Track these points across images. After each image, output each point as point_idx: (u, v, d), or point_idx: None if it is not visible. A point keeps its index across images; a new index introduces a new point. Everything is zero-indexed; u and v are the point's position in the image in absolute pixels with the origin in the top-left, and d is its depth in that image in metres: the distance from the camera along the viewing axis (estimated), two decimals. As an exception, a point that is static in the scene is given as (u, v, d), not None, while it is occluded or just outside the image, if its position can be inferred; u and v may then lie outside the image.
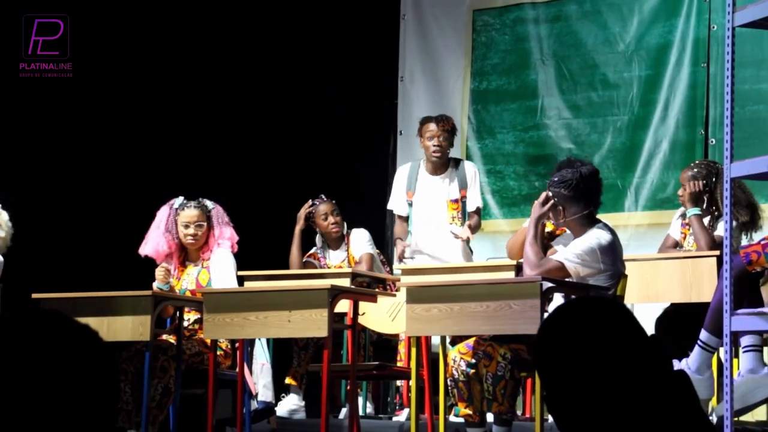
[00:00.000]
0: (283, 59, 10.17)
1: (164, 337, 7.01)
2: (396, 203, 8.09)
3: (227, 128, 10.22)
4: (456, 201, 7.88)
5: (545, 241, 6.18)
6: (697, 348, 5.42)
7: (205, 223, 7.20)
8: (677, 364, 5.99)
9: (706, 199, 7.07)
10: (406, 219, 8.03)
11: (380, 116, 10.13)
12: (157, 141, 9.88)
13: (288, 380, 7.76)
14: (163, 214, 7.23)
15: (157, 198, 7.71)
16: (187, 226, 7.19)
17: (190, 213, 7.19)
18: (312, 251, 8.30)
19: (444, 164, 7.97)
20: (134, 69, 9.89)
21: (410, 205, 7.99)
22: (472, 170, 8.02)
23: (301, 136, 10.12)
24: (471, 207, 7.90)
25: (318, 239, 8.31)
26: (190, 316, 7.10)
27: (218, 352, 6.93)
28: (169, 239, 7.17)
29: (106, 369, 1.58)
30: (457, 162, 8.07)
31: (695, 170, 7.17)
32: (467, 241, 7.79)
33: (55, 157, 9.58)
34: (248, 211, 9.34)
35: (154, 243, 7.17)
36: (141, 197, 9.37)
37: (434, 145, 7.87)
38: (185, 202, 7.25)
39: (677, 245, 7.24)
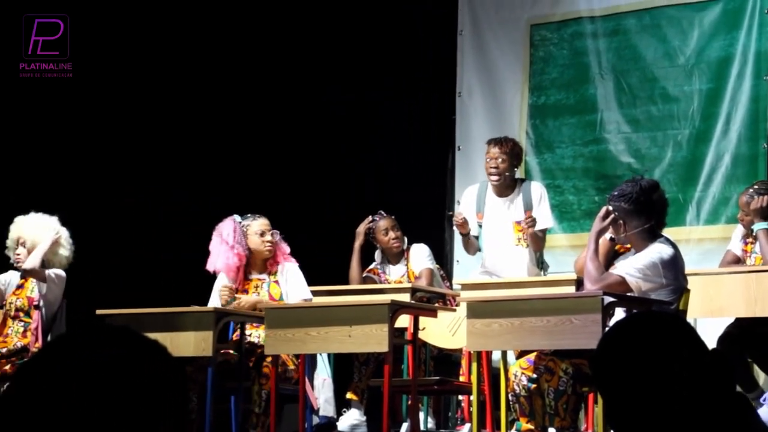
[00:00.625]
0: (337, 73, 10.11)
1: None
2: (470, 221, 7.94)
3: (244, 133, 10.07)
4: (521, 222, 7.75)
5: (609, 260, 6.17)
6: None
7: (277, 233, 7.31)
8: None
9: None
10: (476, 239, 7.99)
11: (439, 132, 10.12)
12: (158, 141, 9.74)
13: (349, 395, 7.77)
14: (228, 228, 7.24)
15: (157, 198, 7.66)
16: (263, 234, 7.26)
17: (263, 221, 7.30)
18: (372, 266, 8.31)
19: (510, 186, 7.86)
20: (134, 69, 9.76)
21: (480, 225, 7.93)
22: (537, 191, 7.86)
23: (357, 150, 10.08)
24: (540, 226, 7.74)
25: (378, 254, 8.32)
26: (252, 331, 7.13)
27: (291, 367, 6.98)
28: (239, 252, 7.22)
29: (176, 383, 1.60)
30: (523, 183, 7.98)
31: (753, 189, 7.11)
32: (531, 224, 7.67)
33: (55, 157, 9.43)
34: (307, 226, 9.36)
35: (224, 258, 7.19)
36: (141, 197, 9.38)
37: (492, 167, 7.81)
38: (248, 215, 7.31)
39: (738, 261, 7.18)
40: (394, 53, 10.11)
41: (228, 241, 7.18)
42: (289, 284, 7.28)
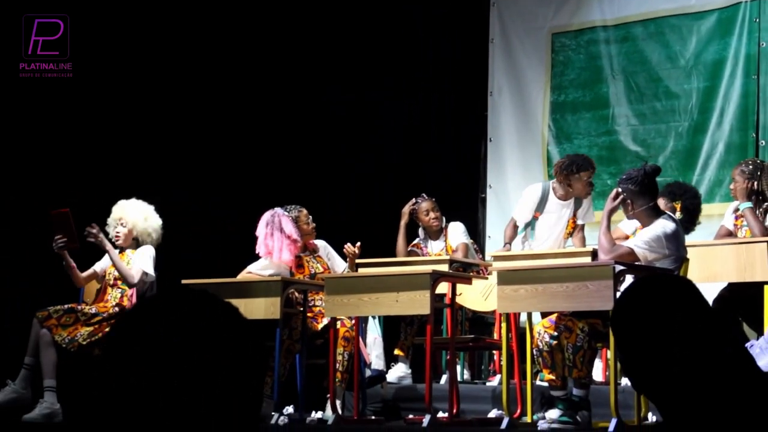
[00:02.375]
0: (385, 82, 9.84)
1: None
2: (521, 215, 7.84)
3: (245, 133, 9.34)
4: (573, 220, 7.74)
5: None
6: None
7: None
8: (752, 342, 5.94)
9: (755, 193, 6.97)
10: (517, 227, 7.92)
11: (473, 126, 10.08)
12: (158, 141, 8.94)
13: (397, 351, 7.79)
14: (288, 224, 7.27)
15: (157, 197, 7.25)
16: (308, 224, 7.37)
17: (305, 211, 7.39)
18: (415, 242, 8.31)
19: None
20: (134, 69, 8.90)
21: (534, 219, 7.85)
22: (587, 200, 7.76)
23: (407, 145, 9.98)
24: (584, 220, 7.73)
25: (420, 232, 8.32)
26: (316, 298, 7.19)
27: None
28: (300, 243, 7.31)
29: (248, 338, 1.59)
30: None
31: (744, 167, 7.09)
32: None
33: (55, 158, 8.60)
34: (362, 209, 9.33)
35: (288, 250, 7.25)
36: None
37: (590, 190, 7.67)
38: (288, 208, 7.37)
39: (730, 234, 7.14)
40: (435, 59, 10.06)
41: (292, 235, 7.24)
42: (333, 258, 7.50)
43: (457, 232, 8.16)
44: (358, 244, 7.26)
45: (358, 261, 7.38)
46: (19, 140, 8.57)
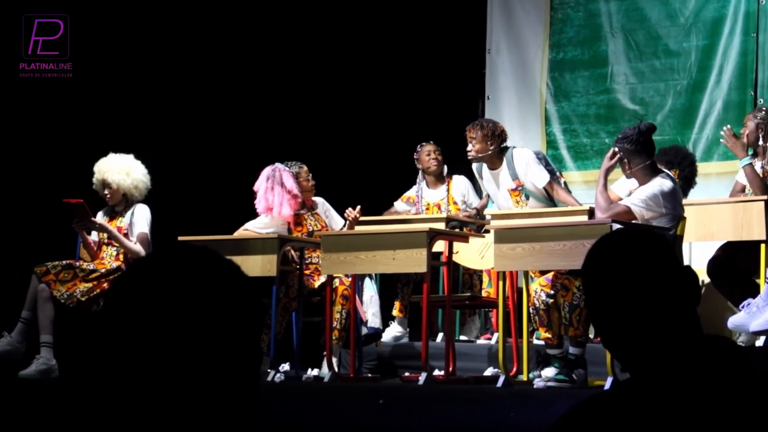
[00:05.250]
0: (383, 39, 9.76)
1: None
2: (483, 187, 7.64)
3: (247, 132, 9.16)
4: (515, 189, 7.25)
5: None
6: (765, 285, 5.47)
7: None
8: (749, 301, 5.95)
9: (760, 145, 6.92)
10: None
11: (471, 84, 10.05)
12: (158, 142, 8.63)
13: (395, 312, 7.82)
14: (289, 179, 7.26)
15: (156, 196, 7.27)
16: (308, 180, 7.36)
17: (305, 167, 7.39)
18: (410, 194, 8.22)
19: (497, 159, 7.25)
20: (134, 69, 8.78)
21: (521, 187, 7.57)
22: (522, 159, 7.16)
23: (408, 102, 9.92)
24: (540, 186, 7.16)
25: (418, 178, 8.23)
26: (313, 255, 7.21)
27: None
28: (300, 198, 7.31)
29: (249, 295, 1.59)
30: (506, 152, 7.25)
31: (756, 112, 7.01)
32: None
33: (54, 158, 8.41)
34: (359, 168, 9.31)
35: (288, 205, 7.24)
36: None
37: (467, 151, 7.33)
38: (289, 164, 7.36)
39: (744, 189, 7.09)
40: (432, 16, 10.00)
41: (293, 190, 7.22)
42: (331, 216, 7.51)
43: (462, 185, 8.13)
44: (359, 207, 7.24)
45: (354, 218, 7.37)
46: (19, 140, 8.50)
